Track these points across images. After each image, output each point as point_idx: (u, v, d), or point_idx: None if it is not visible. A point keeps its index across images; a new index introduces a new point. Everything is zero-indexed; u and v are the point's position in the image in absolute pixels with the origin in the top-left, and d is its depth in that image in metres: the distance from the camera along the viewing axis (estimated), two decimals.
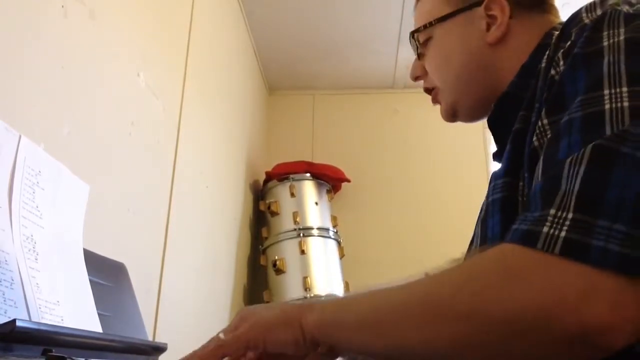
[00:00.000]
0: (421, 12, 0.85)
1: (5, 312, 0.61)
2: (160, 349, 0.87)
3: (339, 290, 2.41)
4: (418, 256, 2.89)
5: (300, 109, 3.27)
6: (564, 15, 0.75)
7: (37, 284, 0.69)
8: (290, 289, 2.38)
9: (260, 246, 2.60)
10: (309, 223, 2.53)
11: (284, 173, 2.68)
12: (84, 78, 1.10)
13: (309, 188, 2.66)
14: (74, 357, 0.55)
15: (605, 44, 0.53)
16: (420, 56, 0.84)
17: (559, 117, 0.53)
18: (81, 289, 0.80)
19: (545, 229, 0.46)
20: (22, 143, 0.73)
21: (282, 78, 3.20)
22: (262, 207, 2.68)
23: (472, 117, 0.83)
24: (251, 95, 2.85)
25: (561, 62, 0.56)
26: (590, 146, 0.47)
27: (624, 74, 0.50)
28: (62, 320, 0.71)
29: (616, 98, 0.49)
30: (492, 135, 0.77)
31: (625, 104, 0.48)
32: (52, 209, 0.78)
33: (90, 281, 0.83)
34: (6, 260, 0.65)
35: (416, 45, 0.83)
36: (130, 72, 1.32)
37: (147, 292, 1.35)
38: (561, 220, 0.45)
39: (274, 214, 2.58)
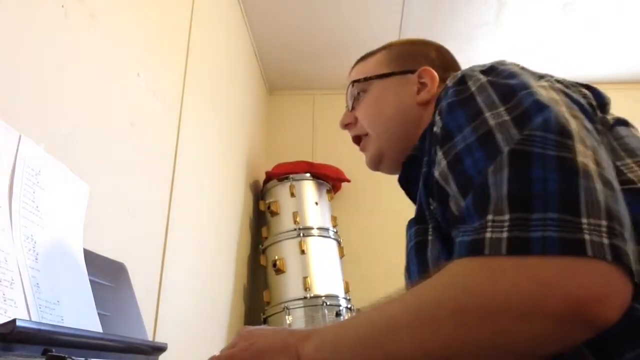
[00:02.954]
0: (360, 70, 0.99)
1: (5, 312, 0.61)
2: (160, 349, 0.87)
3: (339, 290, 2.41)
4: None
5: (300, 109, 3.27)
6: (565, 15, 0.79)
7: (37, 284, 0.69)
8: (290, 289, 2.38)
9: (260, 246, 2.60)
10: (309, 223, 2.53)
11: (284, 173, 2.68)
12: (84, 78, 1.10)
13: (309, 188, 2.66)
14: (74, 357, 0.55)
15: (474, 88, 0.63)
16: (352, 108, 0.96)
17: (452, 144, 0.60)
18: (81, 289, 0.80)
19: (488, 235, 0.50)
20: (22, 143, 0.73)
21: (282, 78, 3.20)
22: (262, 207, 2.68)
23: (394, 167, 0.92)
24: (251, 96, 2.85)
25: (437, 118, 0.66)
26: (506, 152, 0.53)
27: (496, 99, 0.60)
28: (62, 320, 0.71)
29: (497, 116, 0.58)
30: (405, 193, 0.90)
31: (506, 117, 0.57)
32: (52, 209, 0.78)
33: (90, 281, 0.83)
34: (6, 260, 0.65)
35: (353, 95, 0.96)
36: (130, 72, 1.32)
37: (147, 292, 1.35)
38: (499, 223, 0.49)
39: (274, 213, 2.58)
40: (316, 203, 2.62)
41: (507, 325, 0.48)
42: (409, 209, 2.86)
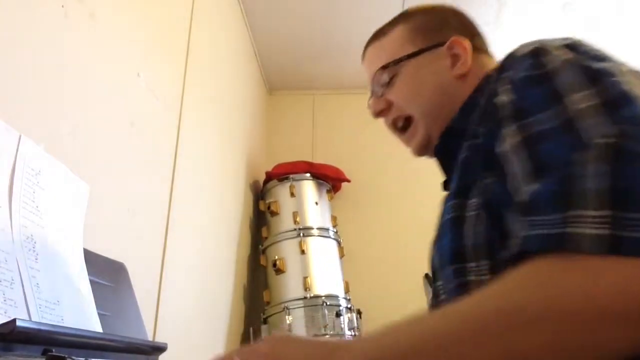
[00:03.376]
0: (379, 52, 0.91)
1: (5, 312, 0.61)
2: (160, 348, 0.87)
3: (339, 290, 2.41)
4: (418, 256, 2.90)
5: (300, 109, 3.27)
6: (565, 15, 0.80)
7: (37, 284, 0.69)
8: (290, 289, 2.38)
9: (260, 246, 2.60)
10: (309, 223, 2.53)
11: (284, 173, 2.68)
12: (84, 78, 1.10)
13: (309, 188, 2.66)
14: (74, 357, 0.55)
15: (551, 66, 0.58)
16: (382, 93, 0.90)
17: (524, 122, 0.56)
18: (81, 288, 0.80)
19: (577, 230, 0.45)
20: (22, 143, 0.73)
21: (282, 78, 3.20)
22: (262, 207, 2.68)
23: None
24: (251, 96, 2.85)
25: (505, 87, 0.61)
26: (594, 145, 0.48)
27: (579, 82, 0.55)
28: (62, 320, 0.71)
29: (580, 101, 0.53)
30: (440, 165, 0.87)
31: (591, 104, 0.52)
32: (52, 209, 0.78)
33: (90, 281, 0.83)
34: (6, 260, 0.65)
35: (384, 81, 0.89)
36: (130, 72, 1.32)
37: (147, 292, 1.35)
38: (589, 219, 0.45)
39: (274, 213, 2.58)
40: (316, 203, 2.62)
41: (610, 330, 0.43)
42: (409, 209, 2.86)
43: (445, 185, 0.86)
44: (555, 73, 0.57)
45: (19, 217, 0.70)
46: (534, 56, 0.61)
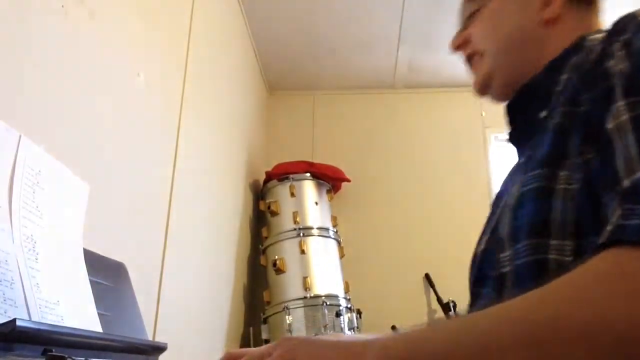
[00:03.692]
0: None
1: (5, 312, 0.61)
2: (160, 348, 0.87)
3: (339, 290, 2.41)
4: (418, 256, 2.91)
5: (300, 109, 3.27)
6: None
7: (37, 284, 0.69)
8: (290, 289, 2.38)
9: (260, 246, 2.60)
10: (309, 223, 2.53)
11: (284, 173, 2.68)
12: (84, 78, 1.10)
13: (309, 188, 2.66)
14: (74, 357, 0.55)
15: None
16: (466, 25, 0.83)
17: (636, 99, 0.50)
18: (81, 289, 0.80)
19: None
20: (22, 143, 0.73)
21: (282, 78, 3.20)
22: (262, 207, 2.68)
23: (502, 93, 0.81)
24: (251, 95, 2.85)
25: (619, 53, 0.54)
26: None
27: None
28: (62, 320, 0.71)
29: None
30: (508, 119, 0.78)
31: None
32: (52, 209, 0.78)
33: (90, 281, 0.83)
34: (6, 260, 0.65)
35: (470, 11, 0.82)
36: (130, 72, 1.32)
37: (147, 292, 1.35)
38: None
39: (274, 213, 2.58)
40: (316, 203, 2.62)
41: None
42: (409, 209, 2.85)
43: (511, 139, 0.79)
44: None
45: (19, 217, 0.70)
46: None
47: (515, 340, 0.42)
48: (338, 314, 2.29)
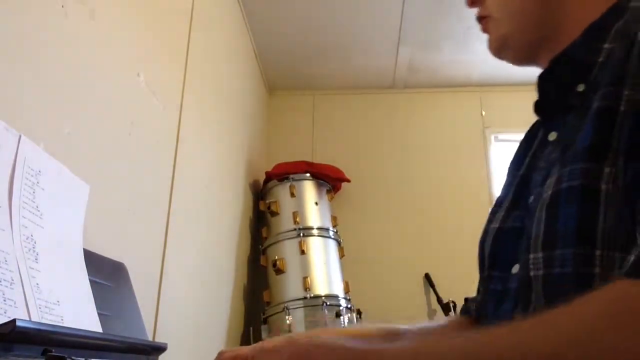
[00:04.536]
0: None
1: (5, 312, 0.61)
2: (160, 349, 0.87)
3: (339, 290, 2.41)
4: (418, 256, 2.91)
5: (300, 109, 3.27)
6: None
7: (37, 284, 0.69)
8: (290, 289, 2.38)
9: (260, 246, 2.60)
10: (309, 223, 2.53)
11: (284, 173, 2.68)
12: (84, 78, 1.10)
13: (309, 188, 2.66)
14: (74, 357, 0.55)
15: None
16: None
17: None
18: (81, 289, 0.80)
19: None
20: (22, 143, 0.73)
21: (282, 78, 3.20)
22: (262, 207, 2.68)
23: (519, 57, 0.73)
24: (251, 96, 2.85)
25: None
26: None
27: None
28: (62, 320, 0.71)
29: None
30: (539, 91, 0.68)
31: None
32: (52, 209, 0.78)
33: (90, 281, 0.83)
34: (6, 260, 0.65)
35: None
36: (130, 72, 1.32)
37: (147, 292, 1.35)
38: None
39: (274, 214, 2.58)
40: (316, 203, 2.62)
41: None
42: (409, 209, 2.86)
43: (539, 111, 0.69)
44: None
45: (19, 217, 0.69)
46: None
47: None
48: (338, 314, 2.29)
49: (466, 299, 0.81)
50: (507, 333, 0.45)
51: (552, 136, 0.63)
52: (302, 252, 2.43)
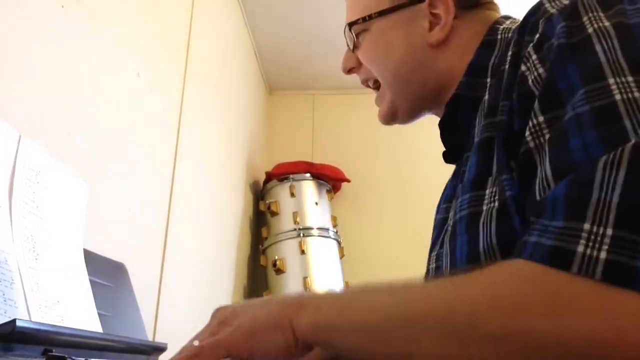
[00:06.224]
0: (356, 2, 0.77)
1: (5, 312, 0.61)
2: (160, 349, 0.87)
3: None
4: (418, 256, 2.90)
5: (300, 109, 3.27)
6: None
7: (37, 283, 0.69)
8: (290, 289, 2.38)
9: (260, 246, 2.60)
10: (309, 223, 2.53)
11: (284, 173, 2.68)
12: (84, 78, 1.10)
13: (309, 188, 2.66)
14: (74, 357, 0.55)
15: (590, 30, 0.47)
16: (354, 49, 0.77)
17: (558, 113, 0.47)
18: (81, 289, 0.80)
19: (581, 249, 0.39)
20: (22, 143, 0.73)
21: (282, 78, 3.20)
22: (262, 207, 2.68)
23: (410, 118, 0.80)
24: (251, 96, 2.85)
25: (533, 57, 0.51)
26: (629, 147, 0.40)
27: (624, 62, 0.44)
28: (62, 320, 0.71)
29: (625, 88, 0.43)
30: (441, 136, 0.75)
31: (637, 94, 0.42)
32: (52, 209, 0.78)
33: (90, 281, 0.83)
34: (6, 260, 0.65)
35: (352, 37, 0.76)
36: (130, 72, 1.32)
37: (147, 292, 1.35)
38: (598, 238, 0.39)
39: (274, 214, 2.58)
40: (316, 203, 2.62)
41: None
42: (409, 209, 2.85)
43: (446, 157, 0.77)
44: (594, 40, 0.47)
45: (19, 217, 0.69)
46: (570, 16, 0.49)
47: (436, 333, 0.44)
48: None
49: None
50: (436, 289, 0.48)
51: (457, 182, 0.68)
52: (302, 252, 2.43)
